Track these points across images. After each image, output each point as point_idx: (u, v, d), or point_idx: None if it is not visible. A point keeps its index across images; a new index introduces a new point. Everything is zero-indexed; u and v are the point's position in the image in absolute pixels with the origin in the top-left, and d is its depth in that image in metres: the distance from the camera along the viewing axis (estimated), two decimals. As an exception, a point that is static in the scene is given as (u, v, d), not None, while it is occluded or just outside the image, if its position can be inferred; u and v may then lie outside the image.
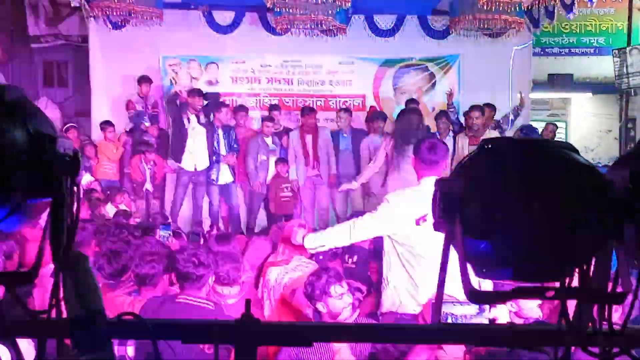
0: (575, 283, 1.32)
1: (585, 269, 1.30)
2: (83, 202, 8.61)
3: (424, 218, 4.18)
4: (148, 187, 10.37)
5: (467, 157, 1.34)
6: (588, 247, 1.28)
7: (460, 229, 1.26)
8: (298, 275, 4.91)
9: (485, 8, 9.91)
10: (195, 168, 10.25)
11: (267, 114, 10.77)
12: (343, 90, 11.55)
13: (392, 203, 4.43)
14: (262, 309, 5.14)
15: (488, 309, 3.50)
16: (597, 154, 13.26)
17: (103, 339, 1.31)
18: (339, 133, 10.44)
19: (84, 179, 10.16)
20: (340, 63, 11.51)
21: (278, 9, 10.36)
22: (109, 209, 9.26)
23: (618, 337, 1.35)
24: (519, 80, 11.17)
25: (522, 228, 1.22)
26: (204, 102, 10.26)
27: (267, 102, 11.33)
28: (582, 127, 14.31)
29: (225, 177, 10.38)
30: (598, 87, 13.58)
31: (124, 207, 9.59)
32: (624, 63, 11.91)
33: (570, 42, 13.76)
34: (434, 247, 1.61)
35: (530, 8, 10.63)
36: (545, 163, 1.26)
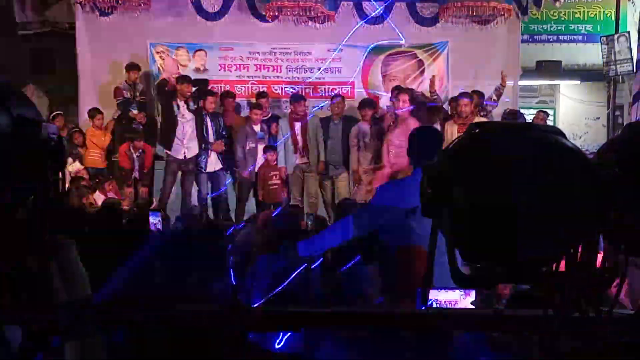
0: (563, 268, 1.33)
1: (572, 254, 1.31)
2: (70, 189, 8.58)
3: (414, 211, 4.17)
4: (136, 175, 10.33)
5: (454, 141, 1.34)
6: (575, 232, 1.28)
7: (448, 214, 1.26)
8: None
9: (474, -5, 9.93)
10: (185, 156, 10.19)
11: (255, 102, 10.73)
12: (331, 78, 11.49)
13: (383, 194, 4.42)
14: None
15: (473, 295, 3.51)
16: (585, 141, 13.28)
17: (91, 325, 1.30)
18: (329, 120, 10.42)
19: (72, 167, 10.11)
20: (329, 50, 11.46)
21: (266, -4, 10.34)
22: (97, 197, 9.23)
23: (604, 322, 1.36)
24: (507, 68, 11.15)
25: (509, 213, 1.22)
26: (193, 89, 10.22)
27: (255, 89, 11.27)
28: (570, 114, 14.32)
29: (214, 164, 10.36)
30: (586, 74, 13.58)
31: (113, 195, 9.56)
32: (612, 50, 11.91)
33: (559, 29, 13.74)
34: (424, 239, 1.60)
35: (519, -5, 10.65)
36: (533, 147, 1.26)
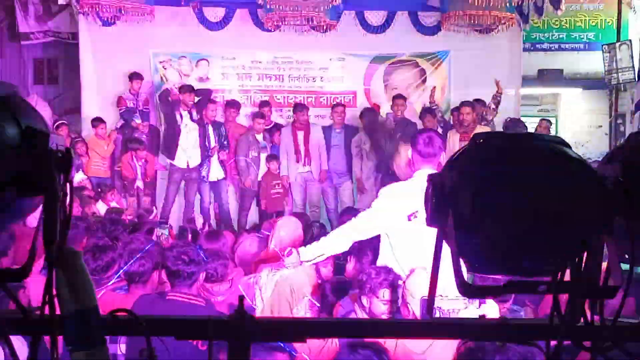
0: (567, 277, 1.33)
1: (577, 263, 1.31)
2: (74, 199, 8.58)
3: (415, 214, 4.18)
4: (139, 184, 10.34)
5: (458, 151, 1.34)
6: (579, 241, 1.28)
7: (453, 224, 1.27)
8: (289, 273, 4.88)
9: (476, 4, 9.98)
10: (188, 165, 10.22)
11: (257, 111, 10.75)
12: (334, 87, 11.51)
13: (385, 198, 4.44)
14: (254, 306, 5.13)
15: (477, 304, 3.50)
16: (587, 150, 13.25)
17: (97, 336, 1.30)
18: (331, 129, 10.44)
19: (76, 177, 10.12)
20: (331, 59, 11.48)
21: (269, 6, 10.38)
22: (100, 207, 9.24)
23: (609, 331, 1.36)
24: (509, 76, 11.16)
25: (513, 222, 1.22)
26: (196, 98, 10.25)
27: (257, 98, 11.29)
28: (572, 122, 14.30)
29: (216, 174, 10.38)
30: (588, 82, 13.58)
31: (115, 204, 9.57)
32: (614, 58, 11.93)
33: (560, 37, 13.75)
34: (426, 242, 1.61)
35: (520, 4, 10.66)
36: (537, 157, 1.27)
